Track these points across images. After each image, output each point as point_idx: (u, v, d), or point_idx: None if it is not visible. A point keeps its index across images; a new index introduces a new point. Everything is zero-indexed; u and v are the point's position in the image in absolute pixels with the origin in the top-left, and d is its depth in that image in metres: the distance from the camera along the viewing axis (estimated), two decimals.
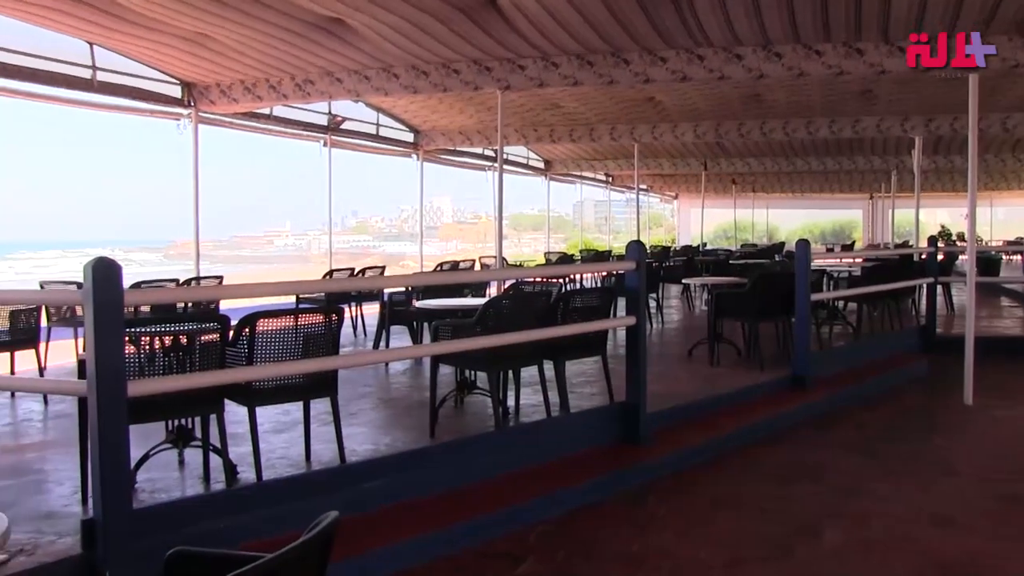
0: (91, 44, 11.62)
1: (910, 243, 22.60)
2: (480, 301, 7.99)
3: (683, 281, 14.38)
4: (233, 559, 2.30)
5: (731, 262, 16.19)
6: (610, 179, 31.49)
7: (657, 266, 15.05)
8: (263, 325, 4.87)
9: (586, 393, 7.52)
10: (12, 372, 7.60)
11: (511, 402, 6.88)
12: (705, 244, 27.20)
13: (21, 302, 7.72)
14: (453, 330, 6.34)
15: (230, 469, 4.94)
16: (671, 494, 5.42)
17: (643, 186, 31.95)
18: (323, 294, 10.91)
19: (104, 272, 3.60)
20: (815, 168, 26.23)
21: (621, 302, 7.36)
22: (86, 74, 11.69)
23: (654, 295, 12.74)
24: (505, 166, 14.15)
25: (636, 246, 6.32)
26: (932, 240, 11.50)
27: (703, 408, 7.00)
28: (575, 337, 6.58)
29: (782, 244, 26.76)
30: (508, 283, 10.46)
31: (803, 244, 8.30)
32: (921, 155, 16.42)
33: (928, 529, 4.76)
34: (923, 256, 11.58)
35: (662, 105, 17.15)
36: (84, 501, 4.62)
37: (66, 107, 12.21)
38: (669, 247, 26.69)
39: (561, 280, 13.98)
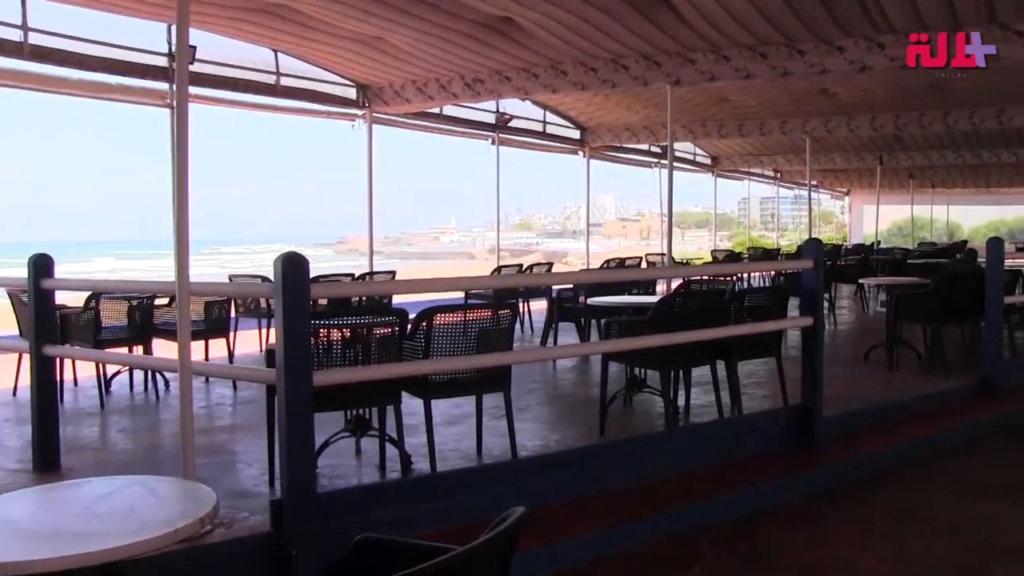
0: (275, 51, 12.25)
1: None
2: (649, 299, 7.92)
3: (859, 281, 13.78)
4: (418, 549, 2.36)
5: (909, 261, 15.39)
6: (778, 175, 30.52)
7: (830, 265, 14.47)
8: (440, 320, 4.99)
9: (757, 395, 7.32)
10: (206, 359, 8.11)
11: (680, 402, 6.78)
12: (879, 242, 25.94)
13: (216, 294, 8.24)
14: (625, 327, 6.31)
15: (405, 459, 5.09)
16: (849, 503, 5.18)
17: (813, 182, 30.77)
18: (491, 290, 11.09)
19: (293, 266, 3.77)
20: (1005, 160, 24.44)
21: (792, 302, 7.14)
22: (270, 79, 12.33)
23: (826, 295, 12.26)
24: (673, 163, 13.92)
25: (813, 244, 6.14)
26: None
27: (883, 414, 6.67)
28: (748, 337, 6.41)
29: (964, 242, 25.18)
30: (677, 281, 10.32)
31: (995, 242, 7.77)
32: None
33: None
34: None
35: (837, 97, 16.44)
36: (271, 482, 4.87)
37: (253, 111, 13.00)
38: (840, 245, 25.62)
39: (729, 279, 13.65)
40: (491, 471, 5.03)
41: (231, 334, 8.67)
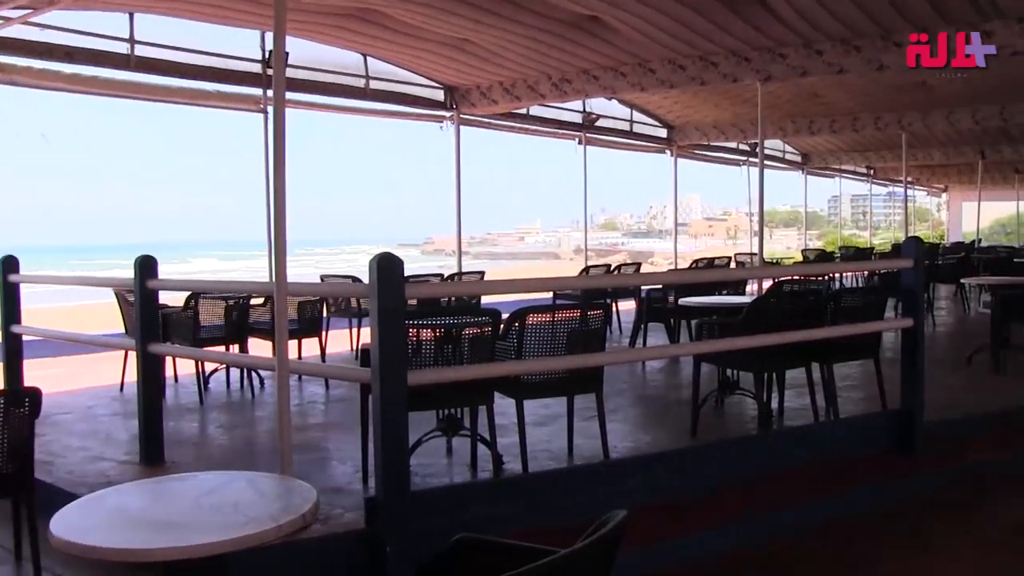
0: (364, 55, 12.45)
1: None
2: (740, 299, 7.79)
3: (960, 281, 13.30)
4: (517, 549, 2.36)
5: (1016, 260, 14.79)
6: (871, 172, 29.67)
7: (928, 264, 13.99)
8: (532, 320, 4.99)
9: (852, 398, 7.12)
10: (299, 358, 8.28)
11: (774, 404, 6.64)
12: (980, 240, 24.99)
13: (311, 295, 8.41)
14: (718, 328, 6.22)
15: (497, 459, 5.10)
16: (956, 513, 4.99)
17: (909, 178, 29.81)
18: (579, 290, 11.07)
19: (388, 267, 3.82)
20: None
21: (887, 302, 6.94)
22: (360, 83, 12.54)
23: (924, 295, 11.87)
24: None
25: (913, 242, 5.98)
26: None
27: (990, 420, 6.40)
28: (845, 339, 6.25)
29: None
30: (767, 282, 10.15)
31: None
32: None
33: None
34: None
35: (935, 90, 15.85)
36: (365, 480, 4.94)
37: (343, 115, 13.23)
38: (938, 244, 24.79)
39: (821, 279, 13.34)
40: (584, 472, 5.02)
41: (323, 333, 8.84)
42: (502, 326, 5.03)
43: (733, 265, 15.94)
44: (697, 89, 13.84)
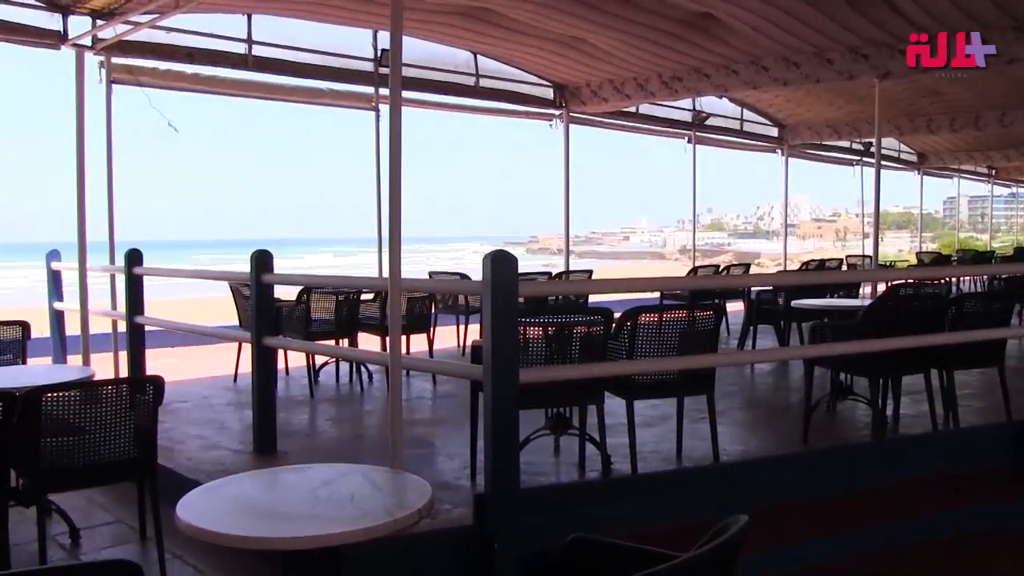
0: (475, 53, 12.53)
1: None
2: (854, 302, 7.55)
3: None
4: (633, 552, 2.34)
5: None
6: (993, 172, 28.34)
7: None
8: (644, 320, 4.94)
9: (972, 407, 6.82)
10: (408, 353, 8.40)
11: (888, 411, 6.42)
12: None
13: (425, 291, 8.50)
14: (831, 332, 6.05)
15: (606, 459, 5.07)
16: None
17: None
18: (686, 291, 10.92)
19: (502, 265, 3.85)
20: None
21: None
22: (470, 81, 12.62)
23: None
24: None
25: None
26: None
27: None
28: (966, 345, 5.98)
29: None
30: (881, 285, 9.83)
31: None
32: None
33: None
34: None
35: None
36: (473, 476, 4.98)
37: (454, 113, 13.36)
38: None
39: (939, 283, 12.81)
40: (695, 474, 4.96)
41: (432, 330, 8.93)
42: (613, 325, 4.99)
43: (845, 267, 15.46)
44: (811, 87, 13.47)
